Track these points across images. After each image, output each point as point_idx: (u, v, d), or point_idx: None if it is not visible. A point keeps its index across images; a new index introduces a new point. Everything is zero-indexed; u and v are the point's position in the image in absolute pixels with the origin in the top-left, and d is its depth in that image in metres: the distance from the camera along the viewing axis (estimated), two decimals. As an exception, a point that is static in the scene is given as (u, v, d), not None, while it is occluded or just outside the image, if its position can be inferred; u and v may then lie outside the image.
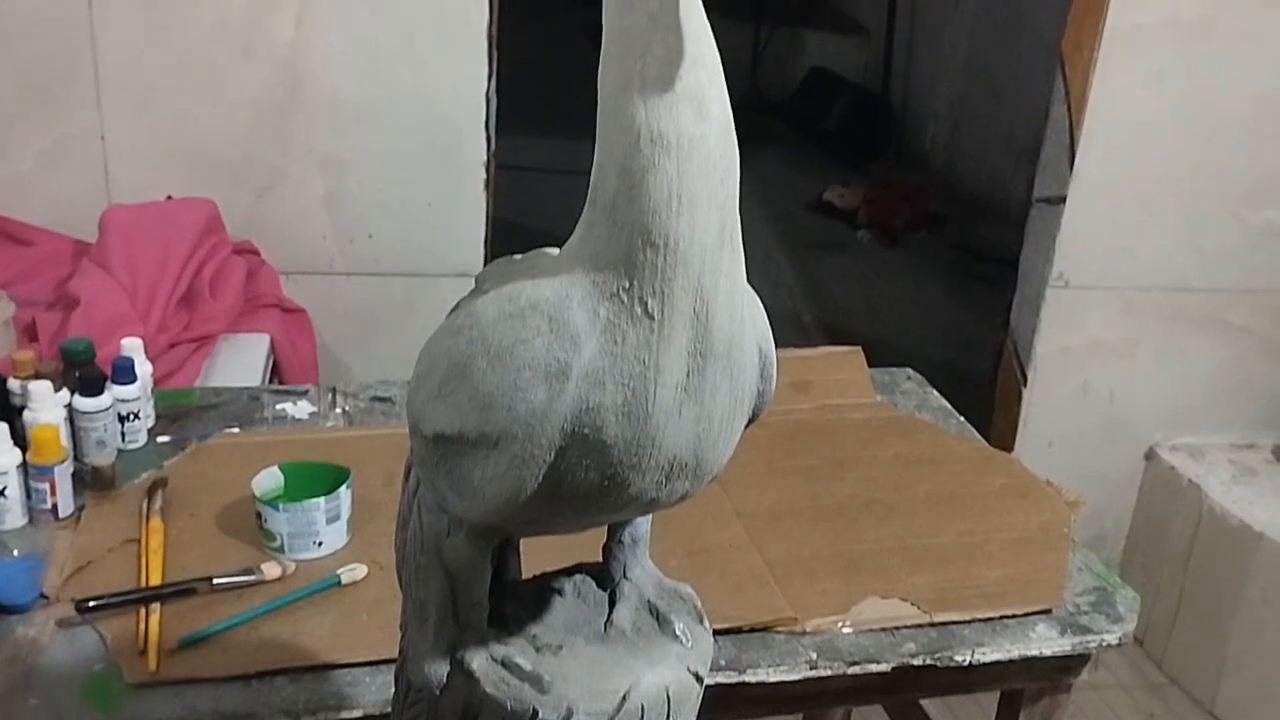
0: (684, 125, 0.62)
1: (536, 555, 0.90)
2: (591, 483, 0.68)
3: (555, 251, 0.74)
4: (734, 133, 0.65)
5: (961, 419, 1.74)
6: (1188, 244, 2.49)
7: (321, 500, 1.29)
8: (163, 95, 2.10)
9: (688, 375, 0.67)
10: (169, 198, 2.12)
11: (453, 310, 0.78)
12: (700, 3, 0.64)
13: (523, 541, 0.87)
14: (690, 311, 0.65)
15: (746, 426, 0.76)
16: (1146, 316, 2.55)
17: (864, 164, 5.14)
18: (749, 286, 0.72)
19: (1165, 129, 2.38)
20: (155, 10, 2.04)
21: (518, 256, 0.78)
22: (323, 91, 2.15)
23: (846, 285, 4.28)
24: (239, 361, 1.96)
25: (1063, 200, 2.44)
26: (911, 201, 4.68)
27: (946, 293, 4.19)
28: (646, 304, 0.64)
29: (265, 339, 2.04)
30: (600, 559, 0.87)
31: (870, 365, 1.82)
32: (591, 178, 0.66)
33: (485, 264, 2.37)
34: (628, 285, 0.64)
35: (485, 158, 2.27)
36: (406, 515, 0.83)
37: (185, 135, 2.13)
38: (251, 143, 2.16)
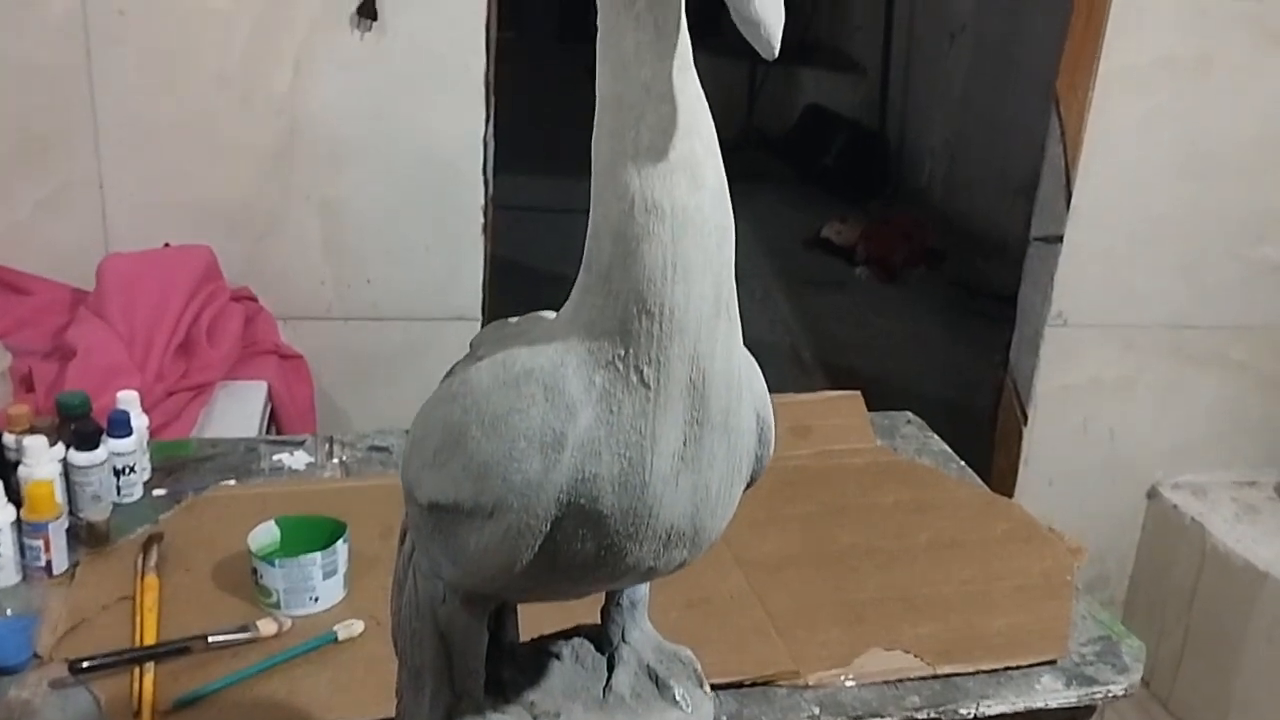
0: (678, 194, 0.62)
1: (535, 615, 0.89)
2: (588, 553, 0.68)
3: (551, 315, 0.74)
4: (729, 200, 0.65)
5: (962, 464, 1.73)
6: (1186, 281, 2.49)
7: (318, 555, 1.28)
8: (161, 143, 2.10)
9: (684, 444, 0.66)
10: (166, 245, 2.12)
11: (447, 375, 0.77)
12: (694, 72, 0.64)
13: (520, 604, 0.86)
14: (686, 380, 0.65)
15: (745, 490, 0.75)
16: (1146, 354, 2.54)
17: (861, 200, 5.16)
18: (746, 351, 0.72)
19: (1161, 167, 2.38)
20: (154, 60, 2.05)
21: (513, 320, 0.78)
22: (321, 138, 2.15)
23: (845, 322, 4.27)
24: (236, 409, 1.95)
25: (1060, 239, 2.44)
26: (909, 238, 4.69)
27: (945, 329, 4.18)
28: (642, 372, 0.64)
29: (263, 386, 2.03)
30: (599, 620, 0.86)
31: (870, 404, 1.82)
32: (586, 244, 0.65)
33: (483, 307, 2.38)
34: (623, 353, 0.64)
35: (483, 201, 2.27)
36: (402, 580, 0.82)
37: (183, 182, 2.13)
38: (249, 189, 2.16)
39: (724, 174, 0.64)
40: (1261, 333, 2.55)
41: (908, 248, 4.65)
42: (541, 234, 4.29)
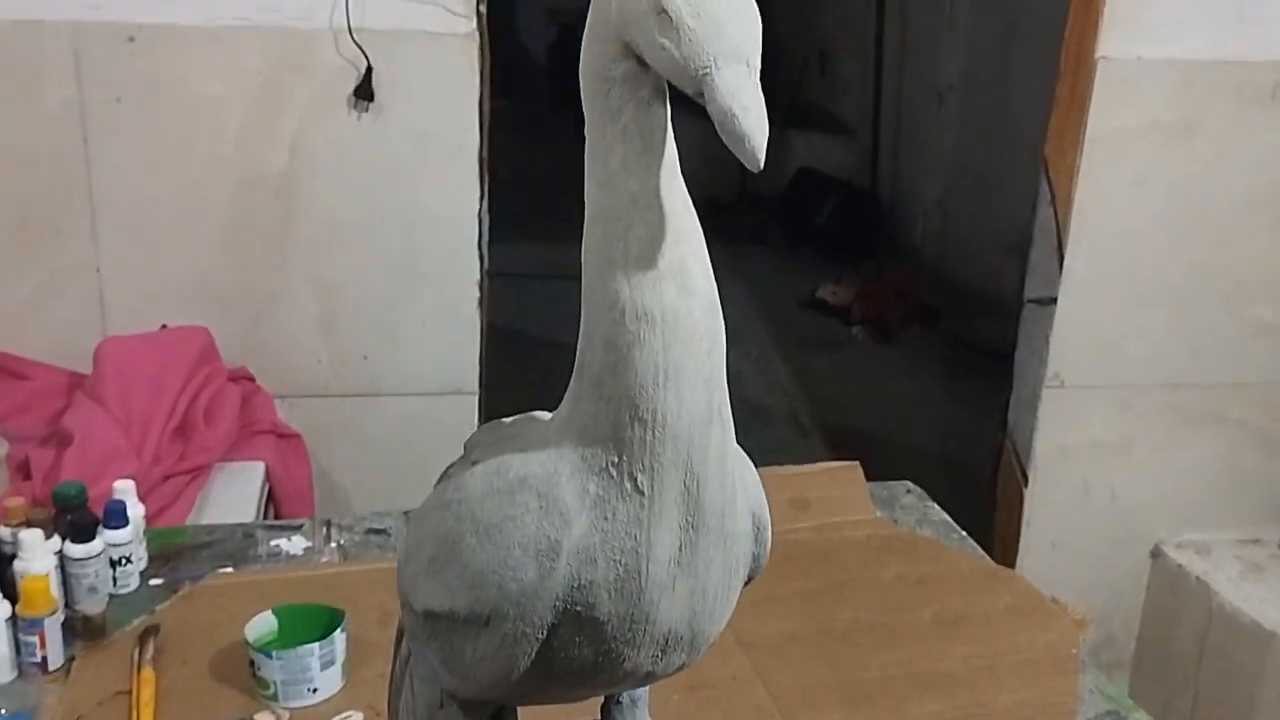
0: (668, 301, 0.62)
1: (534, 713, 0.88)
2: (585, 659, 0.67)
3: (545, 416, 0.74)
4: (719, 307, 0.65)
5: (963, 534, 1.72)
6: (1181, 341, 2.49)
7: (315, 646, 1.27)
8: (157, 227, 2.12)
9: (680, 549, 0.66)
10: (164, 327, 2.12)
11: (441, 478, 0.77)
12: (680, 181, 0.65)
13: (519, 703, 0.85)
14: (680, 485, 0.65)
15: (744, 586, 0.75)
16: (1144, 414, 2.54)
17: (855, 260, 5.19)
18: (740, 450, 0.72)
19: (1151, 230, 2.40)
20: (151, 145, 2.07)
21: (507, 420, 0.78)
22: (317, 218, 2.17)
23: (843, 382, 4.28)
24: (234, 491, 1.95)
25: (1054, 301, 2.45)
26: (904, 296, 4.71)
27: (943, 388, 4.19)
28: (636, 479, 0.64)
29: (260, 467, 2.03)
30: (599, 718, 0.85)
31: (870, 465, 1.81)
32: (578, 351, 0.66)
33: (480, 380, 2.38)
34: (616, 460, 0.64)
35: (479, 276, 2.29)
36: (399, 684, 0.82)
37: (180, 264, 2.15)
38: (246, 269, 2.18)
39: (713, 280, 0.65)
40: (1258, 390, 2.56)
41: (902, 307, 4.68)
42: (537, 300, 4.31)
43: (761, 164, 0.55)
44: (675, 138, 0.65)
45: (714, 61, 0.55)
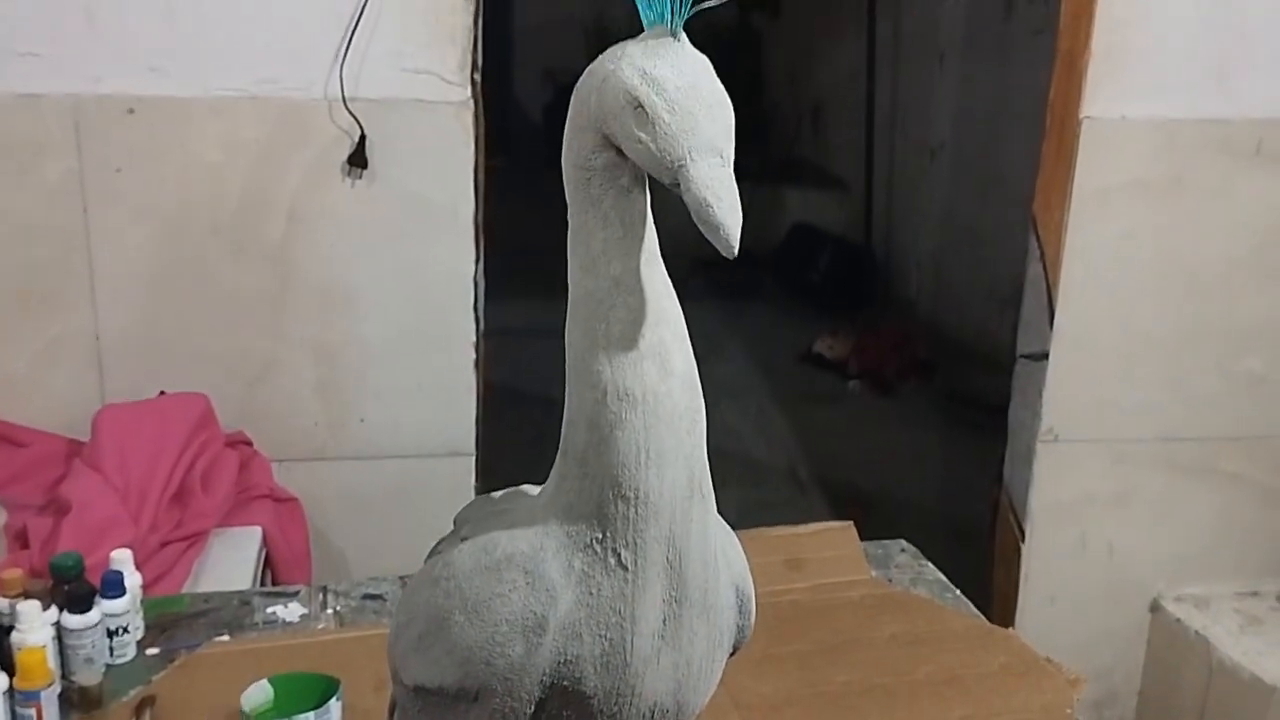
0: (649, 382, 0.64)
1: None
2: (573, 733, 0.68)
3: (533, 490, 0.75)
4: (699, 386, 0.67)
5: (958, 593, 1.73)
6: (1173, 395, 2.51)
7: (311, 715, 1.27)
8: (156, 294, 2.14)
9: (664, 623, 0.67)
10: (162, 393, 2.14)
11: (431, 553, 0.79)
12: (660, 264, 0.67)
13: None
14: (664, 561, 0.66)
15: (730, 657, 0.76)
16: (1139, 468, 2.55)
17: (851, 314, 5.22)
18: (723, 522, 0.73)
19: (1140, 285, 2.43)
20: (150, 214, 2.10)
21: (496, 495, 0.79)
22: (313, 283, 2.19)
23: (840, 437, 4.29)
24: (231, 557, 1.95)
25: (1046, 356, 2.47)
26: (900, 350, 4.74)
27: (941, 441, 4.20)
28: (620, 555, 0.65)
29: (257, 532, 2.04)
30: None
31: (868, 520, 1.82)
32: (563, 430, 0.67)
33: (477, 441, 2.39)
34: (601, 536, 0.65)
35: (475, 338, 2.31)
36: (391, 756, 0.82)
37: (178, 331, 2.17)
38: (243, 335, 2.20)
39: (693, 360, 0.67)
40: (1252, 443, 2.57)
41: (899, 360, 4.70)
42: (534, 356, 4.31)
43: (736, 251, 0.57)
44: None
45: (688, 154, 0.57)
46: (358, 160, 2.13)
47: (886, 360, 4.69)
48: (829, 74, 6.27)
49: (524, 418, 3.61)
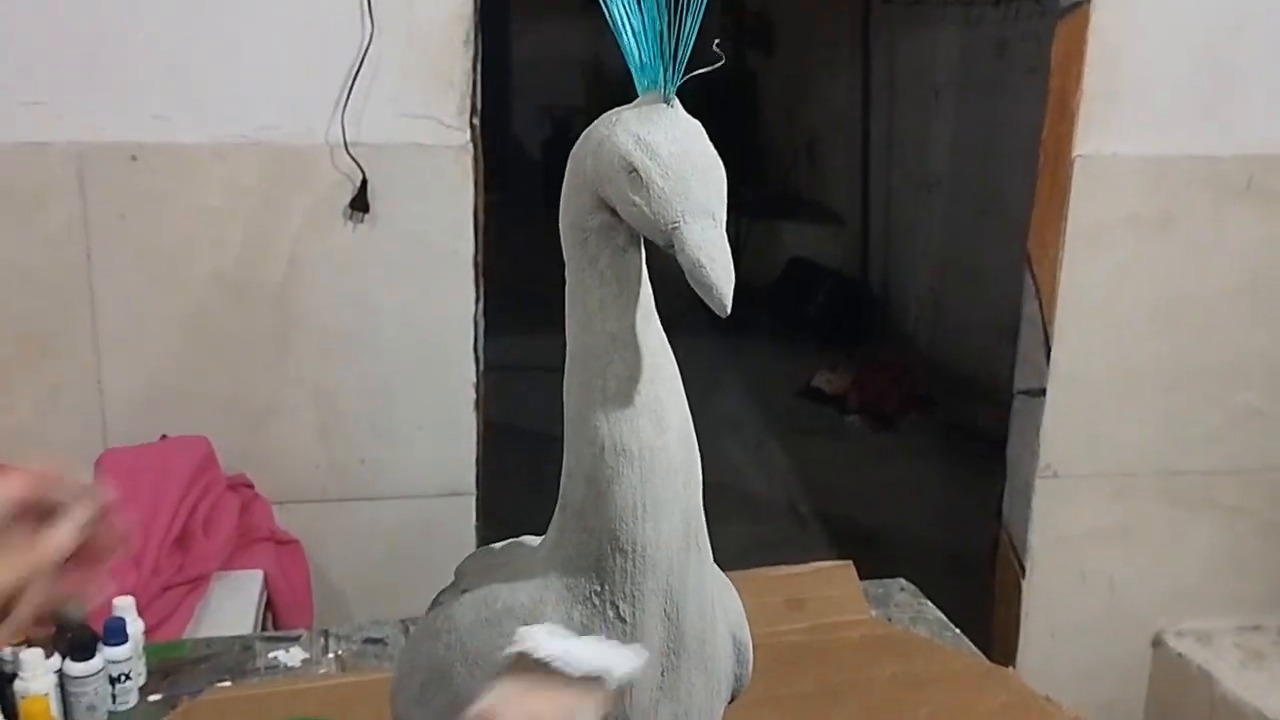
0: (645, 437, 0.65)
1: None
2: (573, 785, 0.69)
3: (533, 541, 0.76)
4: (694, 440, 0.68)
5: (957, 631, 1.73)
6: (1170, 429, 2.52)
7: (313, 762, 1.27)
8: (158, 340, 2.16)
9: (662, 674, 0.68)
10: (164, 436, 2.15)
11: (432, 605, 0.80)
12: (656, 320, 0.68)
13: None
14: (661, 613, 0.67)
15: (728, 705, 0.76)
16: (1138, 502, 2.56)
17: (849, 348, 5.24)
18: (719, 572, 0.74)
19: (1135, 320, 2.44)
20: (152, 260, 2.12)
21: (496, 547, 0.80)
22: (314, 326, 2.21)
23: (840, 471, 4.29)
24: (232, 601, 1.96)
25: (1043, 392, 2.48)
26: (899, 384, 4.75)
27: (941, 475, 4.20)
28: (619, 607, 0.66)
29: (258, 575, 2.04)
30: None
31: (869, 556, 1.83)
32: (561, 483, 0.68)
33: (477, 481, 2.40)
34: (599, 589, 0.66)
35: (474, 379, 2.32)
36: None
37: (180, 376, 2.18)
38: (245, 379, 2.21)
39: (688, 414, 0.68)
40: (1251, 476, 2.57)
41: (898, 394, 4.71)
42: (532, 393, 4.32)
43: (728, 310, 0.59)
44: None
45: (682, 217, 0.59)
46: (360, 204, 2.16)
47: (885, 394, 4.70)
48: (824, 110, 6.33)
49: (523, 454, 3.62)
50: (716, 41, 0.63)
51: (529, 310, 4.47)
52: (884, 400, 4.69)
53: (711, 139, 0.63)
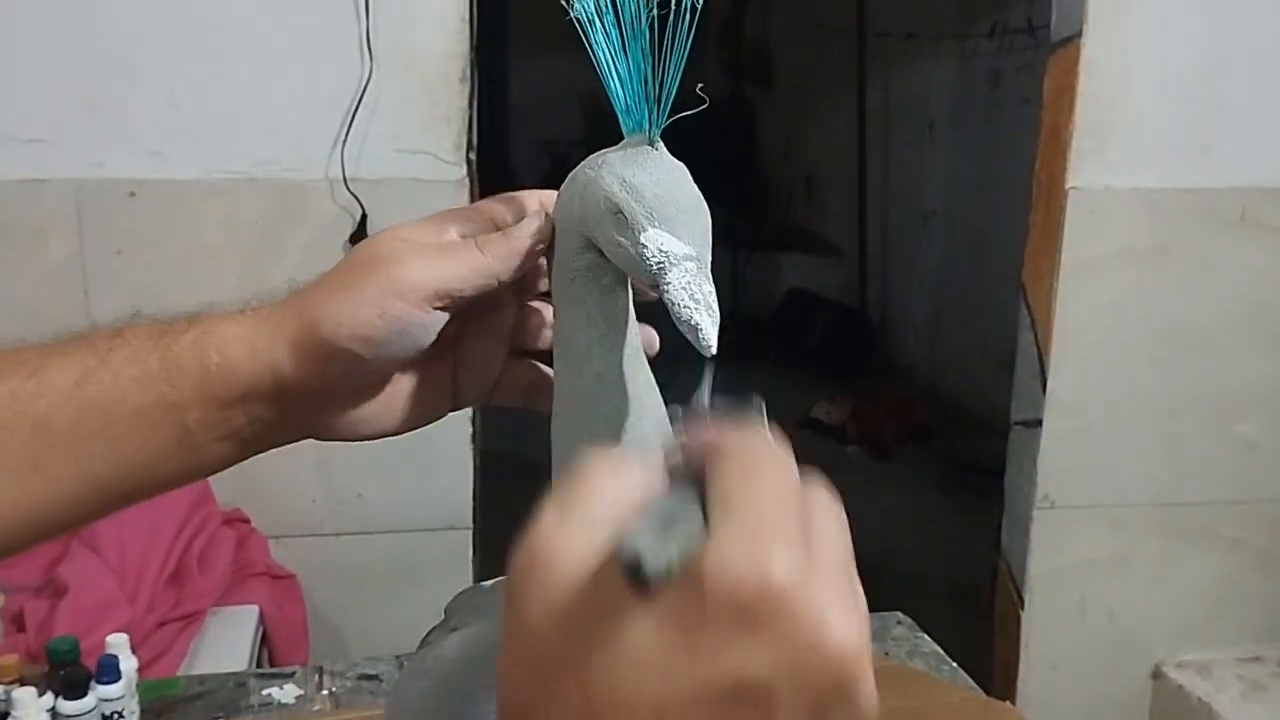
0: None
1: None
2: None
3: (522, 579, 0.76)
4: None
5: (955, 665, 1.72)
6: (1168, 460, 2.52)
7: (306, 801, 1.27)
8: (155, 374, 2.16)
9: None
10: (160, 471, 2.15)
11: (422, 643, 0.79)
12: (643, 358, 0.68)
13: None
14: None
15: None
16: (1137, 533, 2.56)
17: (848, 379, 5.24)
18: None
19: (1131, 352, 2.45)
20: (149, 295, 2.12)
21: (485, 585, 0.80)
22: (311, 361, 2.21)
23: (841, 502, 4.28)
24: (227, 637, 1.95)
25: (1039, 423, 2.48)
26: (897, 415, 4.75)
27: (941, 506, 4.20)
28: (607, 648, 0.66)
29: (254, 611, 2.04)
30: None
31: (870, 587, 1.79)
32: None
33: (474, 515, 2.40)
34: (588, 629, 0.66)
35: (471, 412, 2.32)
36: None
37: (177, 410, 2.18)
38: (242, 413, 2.21)
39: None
40: (1249, 508, 2.57)
41: (896, 425, 4.71)
42: (529, 423, 4.32)
43: (713, 351, 0.59)
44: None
45: (667, 258, 0.59)
46: (359, 239, 2.17)
47: (884, 425, 4.70)
48: (821, 142, 6.36)
49: (521, 487, 3.61)
50: (700, 85, 0.64)
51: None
52: (882, 431, 4.69)
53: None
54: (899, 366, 5.47)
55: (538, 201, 0.71)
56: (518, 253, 0.68)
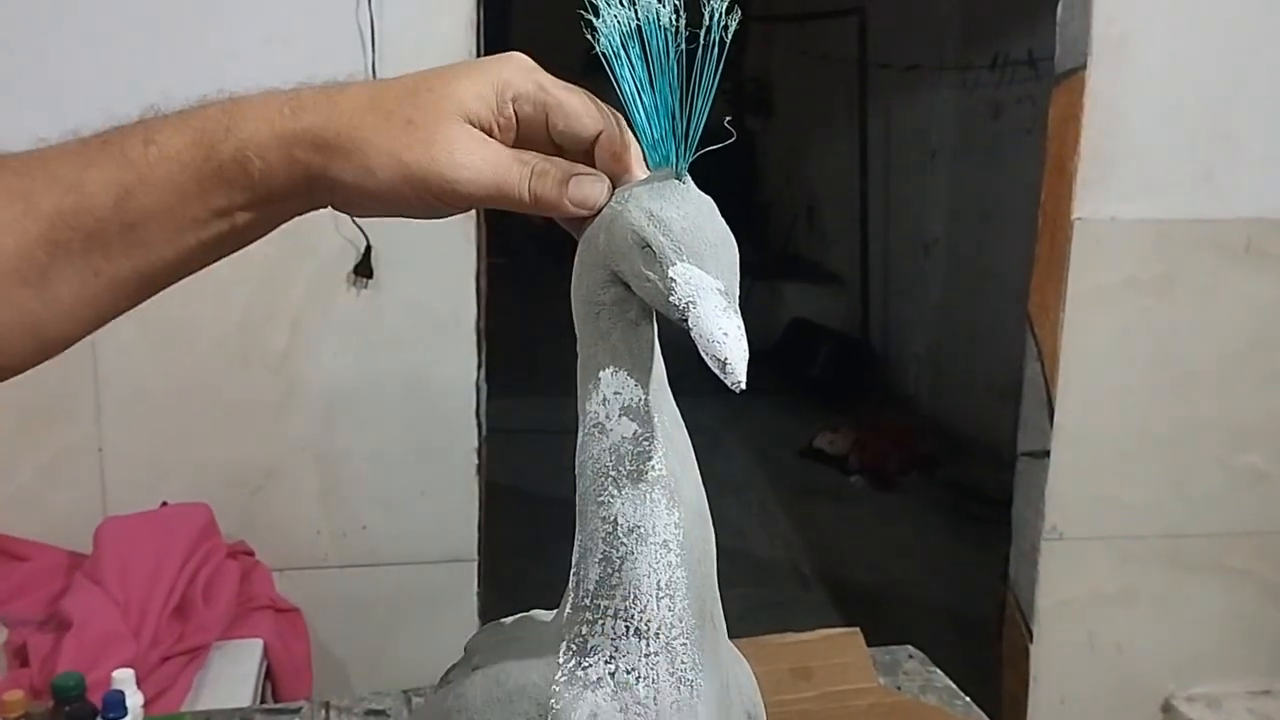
0: (659, 514, 0.65)
1: None
2: None
3: (545, 615, 0.75)
4: (708, 516, 0.67)
5: (968, 699, 1.70)
6: (1176, 491, 2.51)
7: (314, 840, 1.25)
8: (160, 406, 2.15)
9: (679, 755, 0.66)
10: (164, 503, 2.14)
11: (441, 681, 0.78)
12: (668, 391, 0.68)
13: None
14: (677, 693, 0.66)
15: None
16: (1145, 565, 2.54)
17: (851, 409, 5.23)
18: (735, 650, 0.73)
19: (1138, 383, 2.44)
20: (157, 328, 2.12)
21: (506, 622, 0.79)
22: (316, 392, 2.21)
23: (844, 533, 4.27)
24: (232, 671, 1.93)
25: (1047, 454, 2.47)
26: (901, 445, 4.74)
27: (945, 536, 4.18)
28: (635, 689, 0.65)
29: (258, 644, 2.01)
30: None
31: (875, 620, 1.80)
32: (573, 559, 0.68)
33: (479, 547, 2.38)
34: (613, 670, 0.65)
35: (476, 444, 2.31)
36: None
37: (181, 442, 2.17)
38: (246, 445, 2.20)
39: (702, 490, 0.67)
40: (1258, 539, 2.56)
41: (900, 455, 4.70)
42: (534, 456, 4.32)
43: (743, 386, 0.58)
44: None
45: (695, 293, 0.59)
46: (363, 270, 2.16)
47: (887, 455, 4.69)
48: (823, 172, 6.39)
49: (526, 518, 3.60)
50: (728, 119, 0.63)
51: (530, 374, 4.48)
52: (886, 461, 4.68)
53: (713, 202, 0.63)
54: (901, 396, 5.46)
55: (609, 153, 0.67)
56: (563, 214, 0.67)
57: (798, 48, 6.25)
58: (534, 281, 6.26)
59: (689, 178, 0.63)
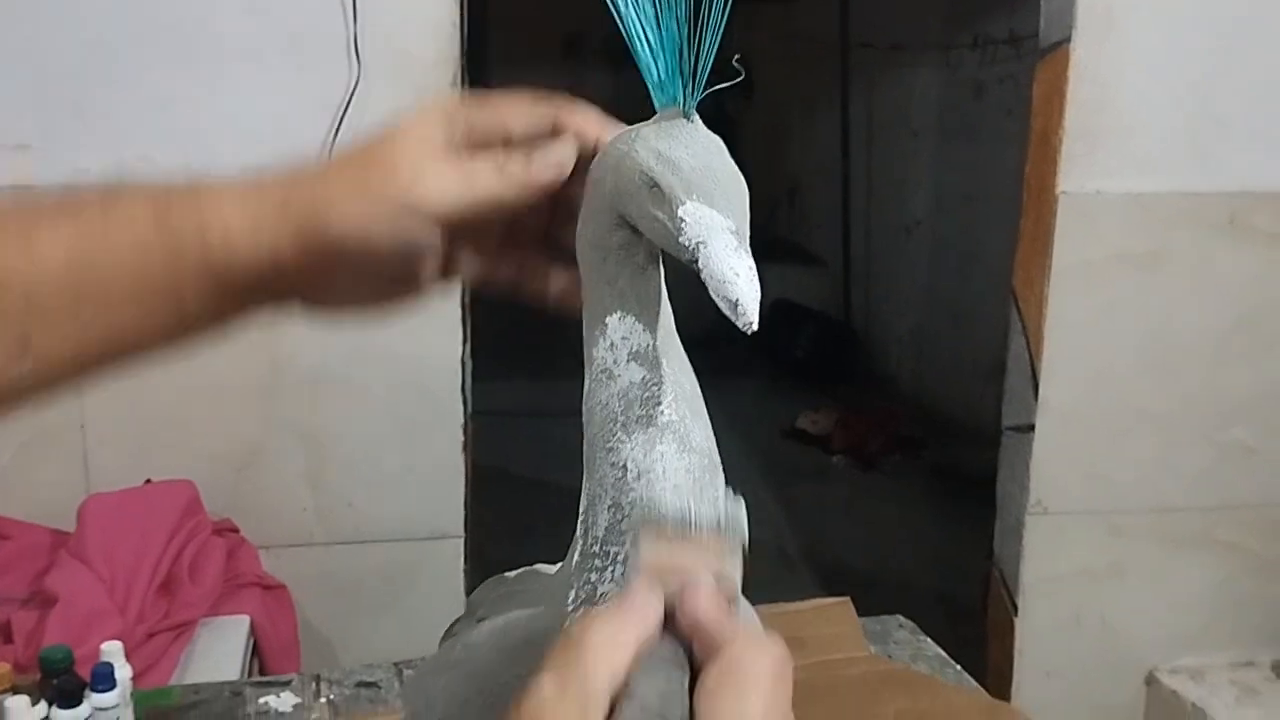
0: (669, 458, 0.64)
1: None
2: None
3: (549, 569, 0.75)
4: (719, 463, 0.67)
5: (958, 667, 1.71)
6: (1163, 465, 2.52)
7: (308, 809, 1.24)
8: (143, 383, 2.10)
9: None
10: (148, 481, 2.12)
11: (446, 635, 0.78)
12: (676, 338, 0.67)
13: None
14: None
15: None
16: (1131, 539, 2.55)
17: (833, 389, 5.24)
18: (744, 599, 0.72)
19: (1124, 357, 2.45)
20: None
21: (510, 575, 0.78)
22: (301, 370, 2.19)
23: (827, 513, 4.28)
24: (219, 647, 1.92)
25: (1031, 428, 2.48)
26: (883, 425, 4.75)
27: (929, 515, 4.19)
28: (643, 636, 0.64)
29: (245, 621, 2.00)
30: None
31: (860, 598, 1.80)
32: (581, 507, 0.67)
33: (465, 524, 2.37)
34: (623, 617, 0.65)
35: (463, 420, 2.30)
36: None
37: (165, 419, 2.15)
38: (231, 423, 2.19)
39: (712, 435, 0.67)
40: (1244, 512, 2.57)
41: (882, 435, 4.71)
42: (521, 439, 4.32)
43: (755, 326, 0.58)
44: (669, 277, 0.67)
45: (705, 232, 0.58)
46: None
47: (870, 435, 4.70)
48: (804, 154, 6.38)
49: (512, 499, 3.60)
50: (737, 57, 0.62)
51: (518, 356, 4.47)
52: (868, 441, 4.69)
53: (722, 141, 0.62)
54: (884, 377, 5.47)
55: (567, 125, 0.68)
56: (538, 185, 0.66)
57: (779, 29, 6.23)
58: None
59: (697, 116, 0.62)
